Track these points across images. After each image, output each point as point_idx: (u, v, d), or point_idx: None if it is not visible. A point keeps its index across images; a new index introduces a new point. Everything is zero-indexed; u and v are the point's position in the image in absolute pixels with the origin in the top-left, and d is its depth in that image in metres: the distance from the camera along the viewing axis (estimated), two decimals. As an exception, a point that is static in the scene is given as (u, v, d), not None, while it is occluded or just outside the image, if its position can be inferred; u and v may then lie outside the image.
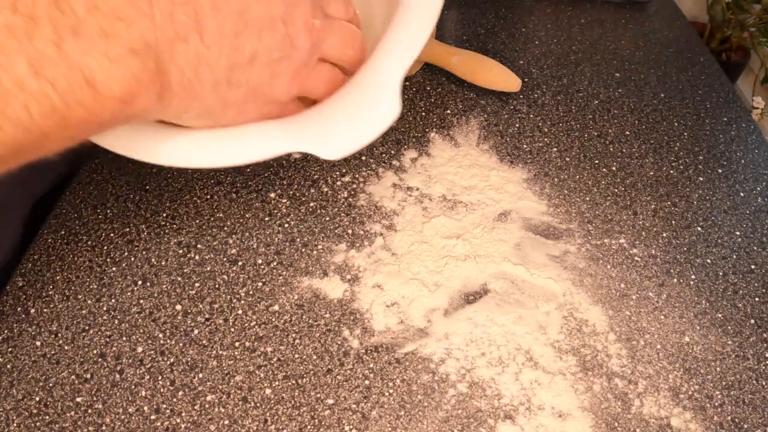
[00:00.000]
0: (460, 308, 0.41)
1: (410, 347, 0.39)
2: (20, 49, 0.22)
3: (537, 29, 0.66)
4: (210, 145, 0.35)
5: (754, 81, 1.39)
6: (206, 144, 0.35)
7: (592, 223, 0.47)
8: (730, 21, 1.31)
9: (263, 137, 0.35)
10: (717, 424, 0.36)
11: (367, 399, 0.36)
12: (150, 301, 0.40)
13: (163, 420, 0.35)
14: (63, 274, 0.41)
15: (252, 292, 0.41)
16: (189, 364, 0.37)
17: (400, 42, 0.38)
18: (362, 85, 0.38)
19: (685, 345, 0.40)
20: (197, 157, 0.35)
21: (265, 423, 0.35)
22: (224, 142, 0.35)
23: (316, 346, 0.39)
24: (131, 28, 0.24)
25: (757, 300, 0.42)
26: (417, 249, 0.44)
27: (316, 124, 0.37)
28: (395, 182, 0.48)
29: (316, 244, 0.44)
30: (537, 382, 0.37)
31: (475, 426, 0.35)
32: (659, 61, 0.63)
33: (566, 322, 0.40)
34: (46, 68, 0.22)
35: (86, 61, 0.23)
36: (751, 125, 0.56)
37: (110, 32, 0.23)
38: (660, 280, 0.43)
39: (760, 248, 0.45)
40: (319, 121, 0.37)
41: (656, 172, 0.51)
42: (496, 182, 0.49)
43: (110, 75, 0.24)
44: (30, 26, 0.22)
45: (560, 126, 0.55)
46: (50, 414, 0.35)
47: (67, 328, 0.39)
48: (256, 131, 0.36)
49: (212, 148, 0.35)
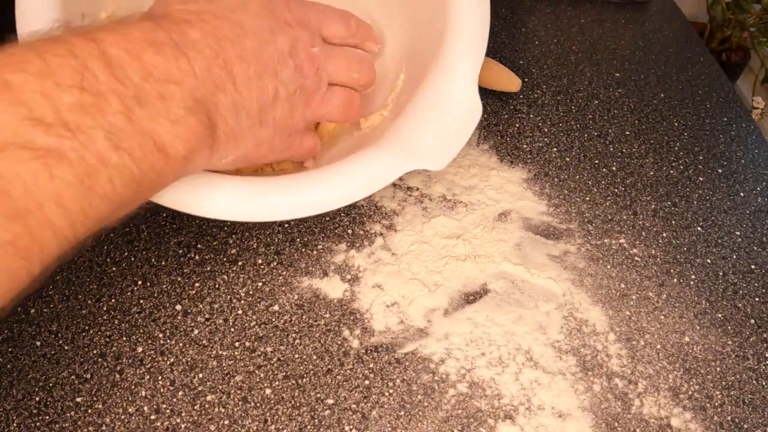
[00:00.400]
0: (460, 308, 0.41)
1: (410, 347, 0.39)
2: (96, 125, 0.22)
3: (537, 29, 0.66)
4: (332, 189, 0.36)
5: (754, 81, 1.39)
6: (332, 189, 0.36)
7: (592, 223, 0.47)
8: (730, 21, 1.31)
9: (377, 168, 0.37)
10: (717, 424, 0.36)
11: (367, 399, 0.36)
12: (150, 301, 0.40)
13: (163, 420, 0.35)
14: (63, 274, 0.42)
15: (252, 292, 0.41)
16: (189, 364, 0.37)
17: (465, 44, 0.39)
18: (442, 93, 0.39)
19: (685, 345, 0.40)
20: (332, 201, 0.36)
21: (265, 423, 0.35)
22: (344, 185, 0.36)
23: (316, 346, 0.39)
24: (182, 88, 0.25)
25: (757, 300, 0.42)
26: (417, 249, 0.44)
27: (416, 141, 0.38)
28: (395, 182, 0.48)
29: (316, 244, 0.44)
30: (537, 382, 0.37)
31: (475, 426, 0.35)
32: (659, 61, 0.63)
33: (566, 322, 0.40)
34: (122, 140, 0.23)
35: (153, 126, 0.24)
36: (751, 125, 0.56)
37: (166, 95, 0.24)
38: (660, 280, 0.43)
39: (760, 248, 0.45)
40: (418, 136, 0.38)
41: (656, 172, 0.51)
42: (496, 182, 0.49)
43: (175, 136, 0.25)
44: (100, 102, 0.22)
45: (560, 126, 0.55)
46: (50, 414, 0.35)
47: (67, 328, 0.39)
48: (367, 164, 0.37)
49: (334, 191, 0.36)
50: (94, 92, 0.22)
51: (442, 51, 0.40)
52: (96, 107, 0.22)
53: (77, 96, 0.22)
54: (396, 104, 0.43)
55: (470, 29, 0.40)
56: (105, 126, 0.22)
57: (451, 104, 0.39)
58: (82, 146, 0.22)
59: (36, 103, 0.21)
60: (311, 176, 0.36)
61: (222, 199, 0.34)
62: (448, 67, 0.39)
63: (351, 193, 0.36)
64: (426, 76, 0.40)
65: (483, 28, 0.41)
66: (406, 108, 0.39)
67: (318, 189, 0.36)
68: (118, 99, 0.23)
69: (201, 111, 0.26)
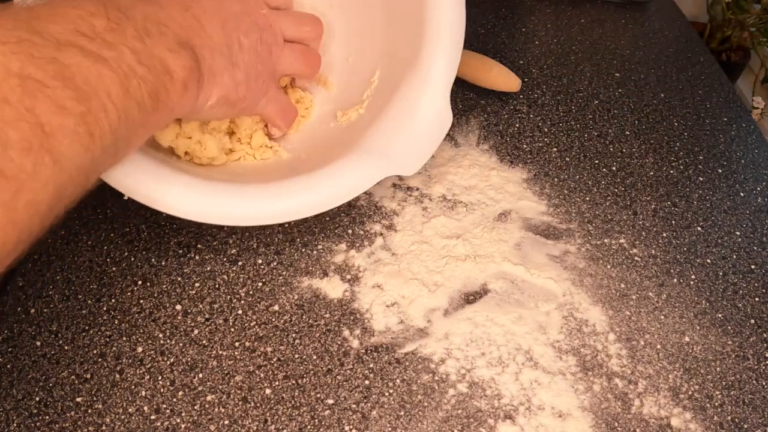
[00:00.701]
0: (460, 308, 0.41)
1: (410, 347, 0.39)
2: (123, 44, 0.27)
3: (537, 29, 0.66)
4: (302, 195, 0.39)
5: (754, 81, 1.39)
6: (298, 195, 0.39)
7: (592, 223, 0.47)
8: (730, 21, 1.31)
9: (351, 177, 0.40)
10: (717, 424, 0.36)
11: (367, 399, 0.36)
12: (150, 301, 0.40)
13: (163, 420, 0.35)
14: (63, 274, 0.42)
15: (252, 292, 0.41)
16: (189, 364, 0.37)
17: (442, 53, 0.41)
18: (415, 101, 0.42)
19: (685, 345, 0.40)
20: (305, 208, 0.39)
21: (265, 423, 0.35)
22: (314, 190, 0.39)
23: (316, 346, 0.39)
24: (171, 29, 0.31)
25: (757, 300, 0.42)
26: (417, 249, 0.44)
27: (391, 148, 0.41)
28: (395, 182, 0.48)
29: (316, 244, 0.44)
30: (537, 382, 0.37)
31: (475, 426, 0.35)
32: (659, 61, 0.63)
33: (566, 322, 0.40)
34: (142, 58, 0.28)
35: (160, 52, 0.29)
36: (751, 125, 0.56)
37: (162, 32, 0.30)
38: (660, 280, 0.43)
39: (760, 248, 0.45)
40: (392, 144, 0.41)
41: (656, 172, 0.51)
42: (496, 182, 0.49)
43: (175, 62, 0.30)
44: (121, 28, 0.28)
45: (560, 126, 0.55)
46: (50, 414, 0.35)
47: (67, 328, 0.39)
48: (342, 173, 0.40)
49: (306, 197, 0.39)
50: (115, 21, 0.28)
51: (419, 59, 0.42)
52: (119, 32, 0.28)
53: (105, 22, 0.27)
54: (372, 103, 0.45)
55: (447, 37, 0.42)
56: (129, 45, 0.28)
57: (424, 114, 0.42)
58: (117, 56, 0.27)
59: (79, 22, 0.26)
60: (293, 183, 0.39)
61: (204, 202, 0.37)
62: (423, 77, 0.42)
63: (328, 201, 0.39)
64: (401, 83, 0.42)
65: (459, 34, 0.42)
66: (381, 115, 0.42)
67: (295, 196, 0.39)
68: (133, 29, 0.28)
69: (188, 47, 0.32)
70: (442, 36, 0.41)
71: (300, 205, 0.39)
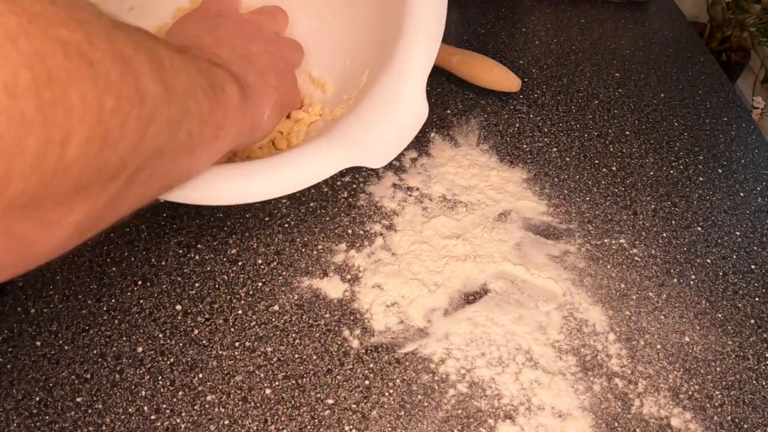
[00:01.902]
0: (460, 308, 0.41)
1: (410, 347, 0.39)
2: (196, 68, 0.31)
3: (537, 29, 0.66)
4: (264, 177, 0.37)
5: (754, 81, 1.39)
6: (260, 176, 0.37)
7: (592, 223, 0.47)
8: (730, 21, 1.31)
9: (314, 162, 0.38)
10: (717, 424, 0.36)
11: (367, 399, 0.36)
12: (150, 301, 0.40)
13: (163, 420, 0.35)
14: (63, 274, 0.41)
15: (252, 292, 0.41)
16: (189, 364, 0.37)
17: (418, 47, 0.41)
18: (390, 93, 0.42)
19: (685, 345, 0.40)
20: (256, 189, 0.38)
21: (265, 423, 0.35)
22: (276, 172, 0.38)
23: (316, 346, 0.39)
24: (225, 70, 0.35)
25: (757, 300, 0.42)
26: (417, 249, 0.44)
27: (358, 138, 0.40)
28: (395, 182, 0.48)
29: (316, 244, 0.44)
30: (537, 382, 0.37)
31: (475, 426, 0.35)
32: (659, 61, 0.63)
33: (566, 322, 0.40)
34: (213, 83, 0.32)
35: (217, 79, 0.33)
36: (751, 125, 0.56)
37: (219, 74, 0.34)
38: (660, 280, 0.43)
39: (760, 248, 0.45)
40: (360, 134, 0.40)
41: (656, 172, 0.51)
42: (496, 182, 0.49)
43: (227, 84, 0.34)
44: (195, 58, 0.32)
45: (560, 126, 0.55)
46: (50, 414, 0.35)
47: (67, 328, 0.39)
48: (304, 158, 0.39)
49: (266, 179, 0.38)
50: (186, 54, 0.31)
51: (396, 53, 0.42)
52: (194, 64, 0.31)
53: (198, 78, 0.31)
54: (355, 99, 0.45)
55: (423, 31, 0.42)
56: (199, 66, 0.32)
57: (399, 107, 0.41)
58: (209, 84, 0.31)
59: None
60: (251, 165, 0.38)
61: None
62: (400, 70, 0.42)
63: (288, 185, 0.38)
64: (379, 76, 0.42)
65: (437, 29, 0.42)
66: (356, 107, 0.42)
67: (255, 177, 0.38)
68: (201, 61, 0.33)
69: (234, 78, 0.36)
70: (419, 30, 0.41)
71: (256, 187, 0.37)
